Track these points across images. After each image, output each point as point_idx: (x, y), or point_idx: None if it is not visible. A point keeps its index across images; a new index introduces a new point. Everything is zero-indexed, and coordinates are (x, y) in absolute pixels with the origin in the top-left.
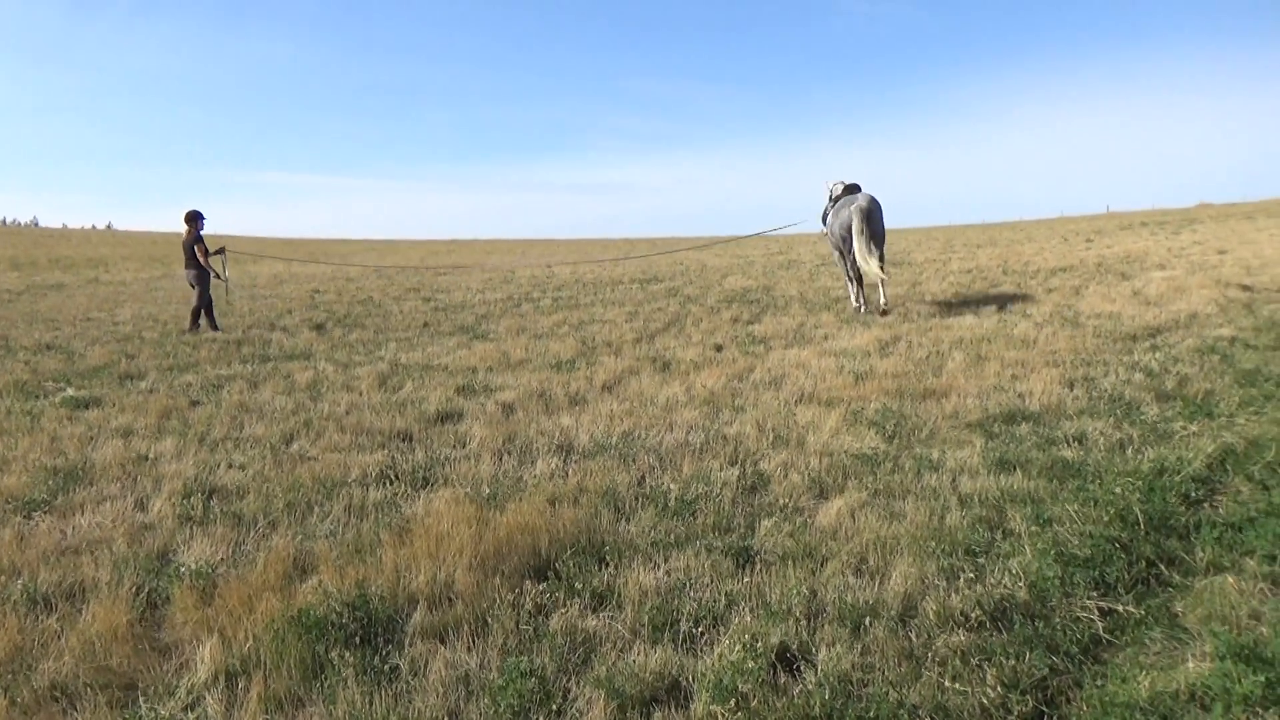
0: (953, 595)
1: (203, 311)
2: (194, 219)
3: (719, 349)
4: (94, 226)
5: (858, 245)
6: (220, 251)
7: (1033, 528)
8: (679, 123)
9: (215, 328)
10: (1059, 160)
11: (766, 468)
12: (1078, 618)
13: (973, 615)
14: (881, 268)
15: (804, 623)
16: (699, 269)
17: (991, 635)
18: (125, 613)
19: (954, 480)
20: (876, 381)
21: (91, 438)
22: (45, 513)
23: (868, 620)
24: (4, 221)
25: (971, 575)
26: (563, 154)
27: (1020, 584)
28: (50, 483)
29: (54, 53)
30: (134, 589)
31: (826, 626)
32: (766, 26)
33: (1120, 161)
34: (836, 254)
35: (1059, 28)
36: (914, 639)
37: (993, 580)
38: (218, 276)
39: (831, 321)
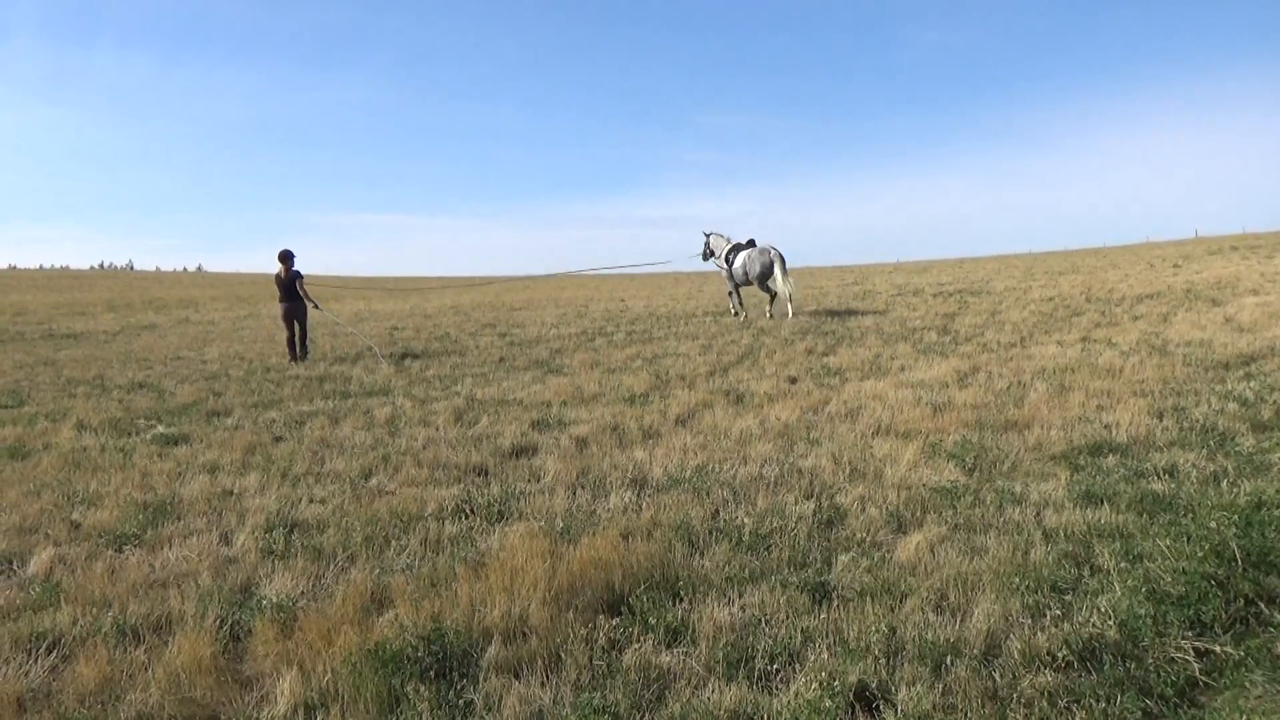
0: (1038, 634)
1: (303, 340)
2: (290, 257)
3: (793, 381)
4: (185, 269)
5: (781, 277)
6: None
7: (1122, 564)
8: (749, 155)
9: (294, 359)
10: (1144, 185)
11: (843, 501)
12: (1172, 659)
13: (1060, 655)
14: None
15: (883, 661)
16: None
17: (1080, 676)
18: (209, 645)
19: (1038, 514)
20: (955, 413)
21: (180, 473)
22: (135, 546)
23: (949, 659)
24: (102, 266)
25: (1058, 613)
26: (635, 189)
27: (1110, 622)
28: (140, 517)
29: (145, 104)
30: (218, 622)
31: (906, 665)
32: (836, 58)
33: (1208, 185)
34: (732, 284)
35: (1140, 49)
36: (998, 679)
37: (1080, 618)
38: (317, 307)
39: (908, 352)
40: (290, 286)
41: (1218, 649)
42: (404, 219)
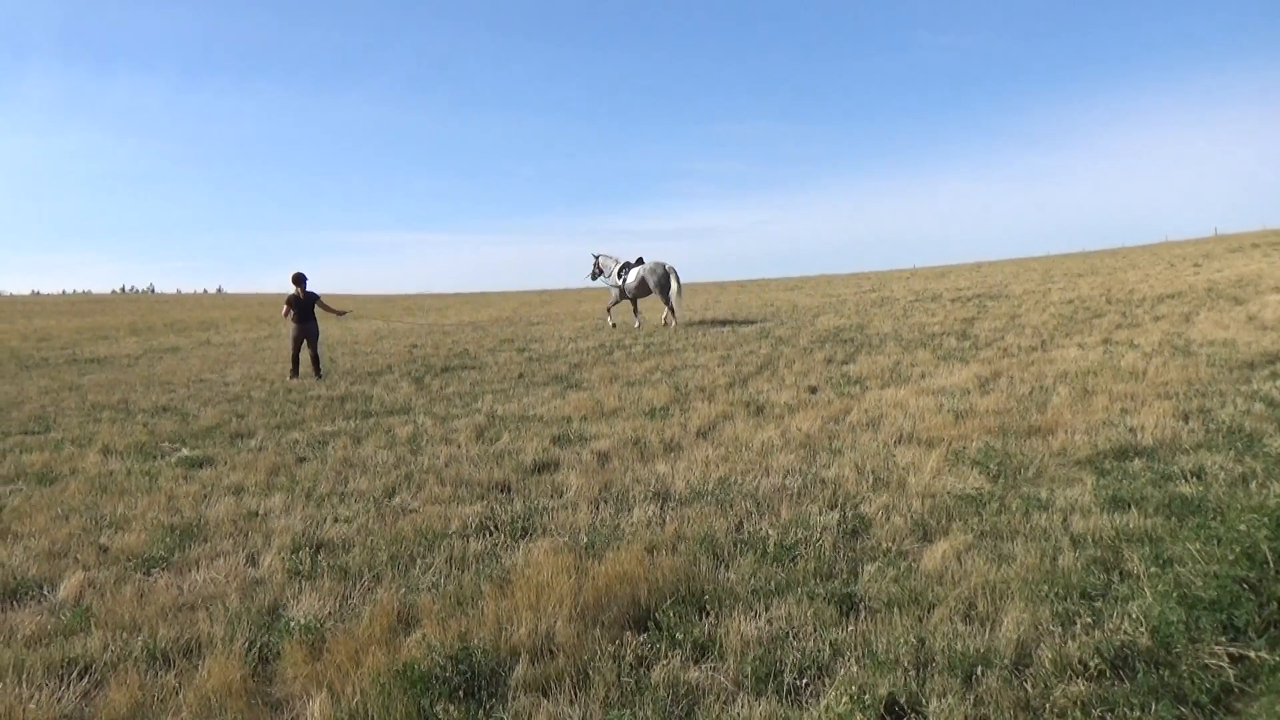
0: (1069, 642)
1: (316, 361)
2: (305, 279)
3: (813, 390)
4: (205, 290)
5: (675, 291)
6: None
7: (1152, 569)
8: (762, 164)
9: (296, 375)
10: (1161, 183)
11: (867, 511)
12: (1206, 665)
13: (1092, 663)
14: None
15: (912, 672)
16: (790, 309)
17: (1113, 685)
18: (239, 668)
19: (1065, 520)
20: (978, 419)
21: (205, 496)
22: (163, 569)
23: (979, 669)
24: (123, 289)
25: (1089, 620)
26: (648, 200)
27: (1142, 629)
28: (168, 540)
29: (162, 127)
30: (246, 644)
31: (936, 676)
32: (849, 65)
33: (1227, 181)
34: (620, 299)
35: (1154, 45)
36: (1030, 689)
37: (1112, 625)
38: (342, 315)
39: (928, 359)
40: (308, 307)
41: (1252, 654)
42: (422, 236)
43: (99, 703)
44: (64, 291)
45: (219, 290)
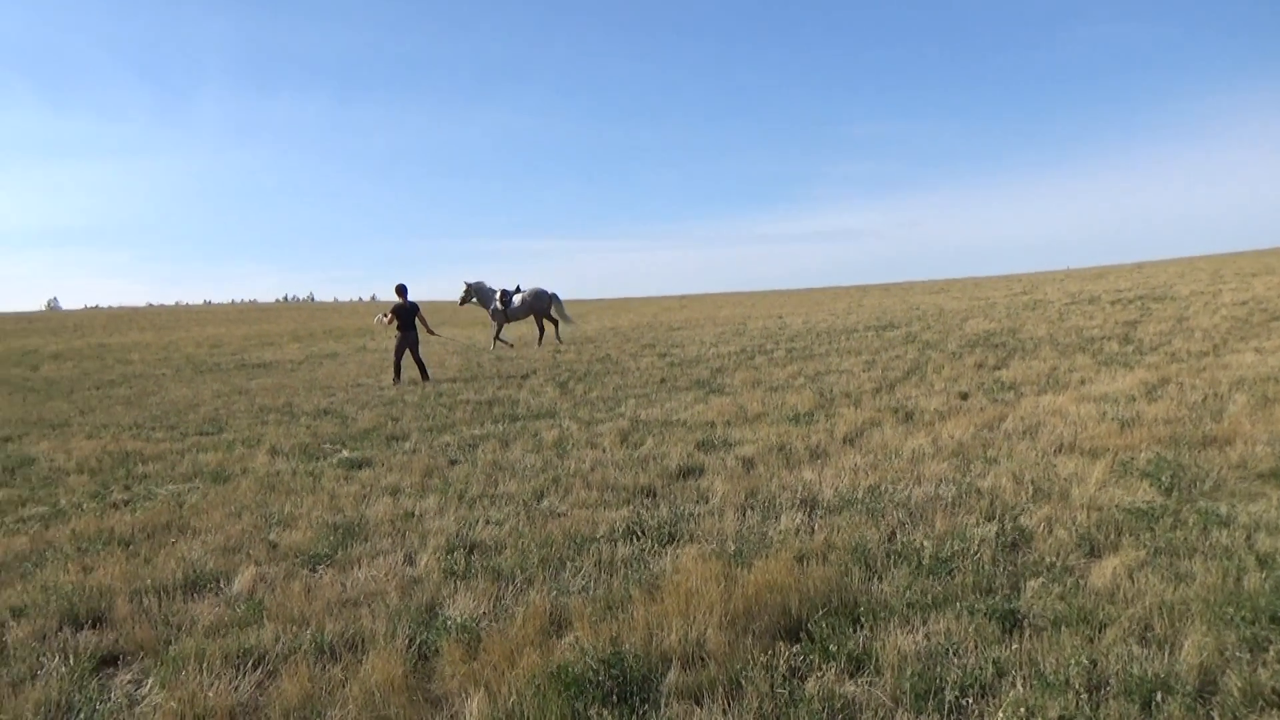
0: (1260, 670)
1: (421, 364)
2: (407, 290)
3: (964, 397)
4: (360, 299)
5: (560, 314)
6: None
7: None
8: (905, 164)
9: (399, 381)
10: None
11: (1027, 523)
12: None
13: None
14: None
15: (1085, 696)
16: (936, 313)
17: None
18: (400, 664)
19: (1249, 538)
20: (1145, 428)
21: (364, 496)
22: (328, 566)
23: (1159, 695)
24: (286, 298)
25: None
26: (788, 204)
27: None
28: (331, 538)
29: (322, 141)
30: (407, 641)
31: (1111, 701)
32: (996, 60)
33: None
34: (507, 320)
35: None
36: (1217, 719)
37: None
38: (432, 333)
39: (1088, 364)
40: (410, 316)
41: None
42: (563, 243)
43: (272, 692)
44: (233, 301)
45: (373, 298)
